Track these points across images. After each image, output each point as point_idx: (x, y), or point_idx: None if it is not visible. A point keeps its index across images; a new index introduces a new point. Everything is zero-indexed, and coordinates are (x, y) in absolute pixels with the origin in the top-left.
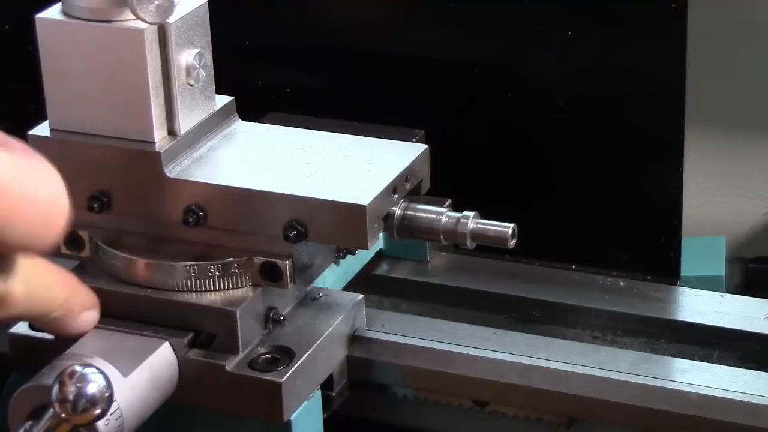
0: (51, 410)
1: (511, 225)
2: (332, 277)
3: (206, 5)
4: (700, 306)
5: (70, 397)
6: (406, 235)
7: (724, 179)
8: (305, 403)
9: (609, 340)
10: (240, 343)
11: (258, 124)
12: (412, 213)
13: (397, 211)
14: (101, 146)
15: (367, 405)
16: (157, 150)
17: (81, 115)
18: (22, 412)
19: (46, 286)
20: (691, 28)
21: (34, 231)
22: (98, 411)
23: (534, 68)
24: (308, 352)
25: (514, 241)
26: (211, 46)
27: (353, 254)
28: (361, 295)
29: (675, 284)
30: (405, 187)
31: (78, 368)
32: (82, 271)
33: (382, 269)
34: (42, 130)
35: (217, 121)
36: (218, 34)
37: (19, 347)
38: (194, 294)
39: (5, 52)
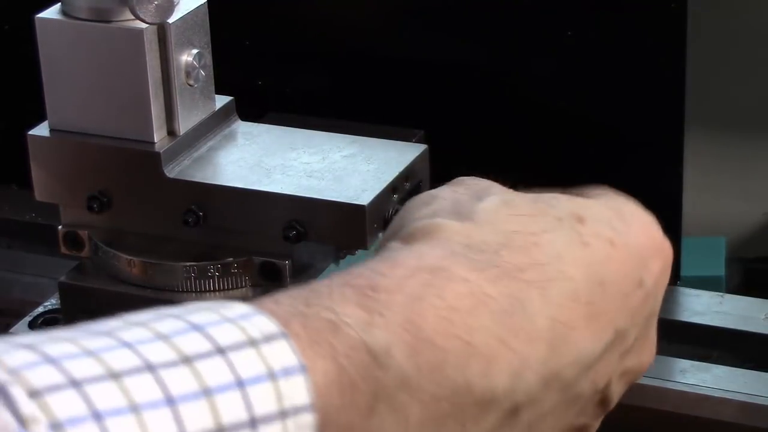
0: None
1: None
2: None
3: (206, 5)
4: (700, 306)
5: None
6: None
7: (724, 179)
8: None
9: None
10: None
11: (258, 124)
12: None
13: None
14: (101, 146)
15: None
16: (156, 150)
17: (81, 115)
18: None
19: None
20: (691, 28)
21: None
22: None
23: (534, 68)
24: None
25: None
26: (210, 46)
27: (353, 254)
28: None
29: (675, 284)
30: (405, 187)
31: None
32: (81, 271)
33: None
34: (42, 130)
35: (216, 121)
36: (218, 34)
37: None
38: (194, 294)
39: (5, 52)
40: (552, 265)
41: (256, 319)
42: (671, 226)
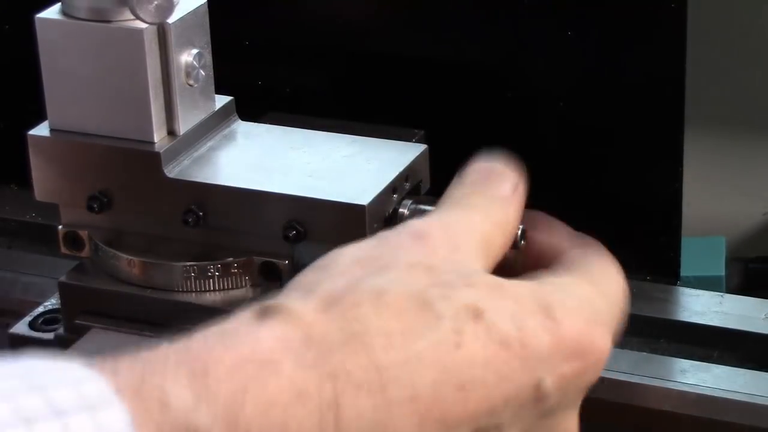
0: None
1: (520, 226)
2: None
3: (206, 5)
4: (699, 306)
5: None
6: None
7: (724, 179)
8: None
9: None
10: None
11: (258, 124)
12: (420, 215)
13: (406, 212)
14: (101, 146)
15: None
16: (156, 150)
17: (81, 115)
18: None
19: None
20: (691, 28)
21: None
22: None
23: (534, 68)
24: None
25: (523, 242)
26: (210, 46)
27: None
28: None
29: (675, 284)
30: (405, 187)
31: None
32: (81, 271)
33: None
34: (42, 130)
35: (216, 121)
36: (218, 34)
37: (19, 347)
38: (194, 294)
39: (5, 52)
40: (392, 369)
41: (94, 385)
42: (671, 226)
